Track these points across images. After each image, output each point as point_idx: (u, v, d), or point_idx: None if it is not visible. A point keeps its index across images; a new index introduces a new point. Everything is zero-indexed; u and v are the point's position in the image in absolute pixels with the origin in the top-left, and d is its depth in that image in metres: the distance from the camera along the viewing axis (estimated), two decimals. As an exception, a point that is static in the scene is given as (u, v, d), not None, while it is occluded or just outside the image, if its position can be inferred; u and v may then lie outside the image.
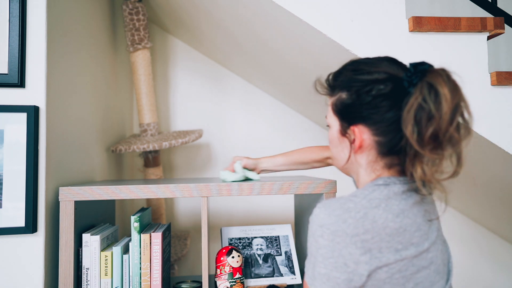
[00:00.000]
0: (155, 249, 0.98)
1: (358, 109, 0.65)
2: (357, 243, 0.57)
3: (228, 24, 1.36)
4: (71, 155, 1.10)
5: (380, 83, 0.63)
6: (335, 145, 0.72)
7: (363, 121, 0.65)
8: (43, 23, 0.94)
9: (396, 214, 0.60)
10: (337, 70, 0.70)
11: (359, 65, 0.67)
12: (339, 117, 0.69)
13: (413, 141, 0.58)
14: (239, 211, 1.82)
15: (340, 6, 1.02)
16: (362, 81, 0.64)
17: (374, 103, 0.63)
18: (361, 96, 0.64)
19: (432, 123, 0.57)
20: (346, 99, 0.66)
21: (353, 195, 0.63)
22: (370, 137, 0.65)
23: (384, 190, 0.63)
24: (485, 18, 1.03)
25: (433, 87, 0.57)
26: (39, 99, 0.93)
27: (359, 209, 0.59)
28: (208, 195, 0.99)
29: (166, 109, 1.82)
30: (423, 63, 0.62)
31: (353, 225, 0.58)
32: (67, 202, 0.94)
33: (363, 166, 0.68)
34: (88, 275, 0.95)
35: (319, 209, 0.62)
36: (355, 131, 0.66)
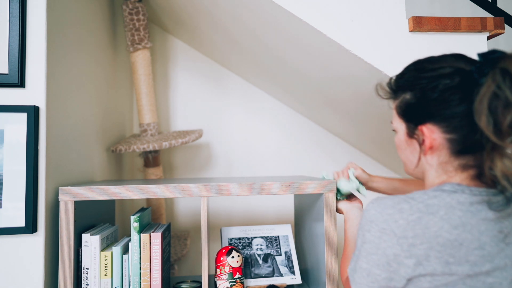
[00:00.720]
0: (154, 249, 0.98)
1: (425, 107, 0.61)
2: (404, 246, 0.56)
3: (227, 24, 1.36)
4: (71, 155, 1.10)
5: (446, 78, 0.60)
6: (403, 149, 0.69)
7: (432, 119, 0.61)
8: (43, 23, 0.94)
9: (454, 226, 0.56)
10: (399, 73, 0.68)
11: (422, 64, 0.64)
12: (405, 119, 0.66)
13: (489, 133, 0.54)
14: (239, 211, 1.82)
15: (340, 6, 1.02)
16: (426, 78, 0.62)
17: (442, 98, 0.59)
18: (427, 93, 0.61)
19: (509, 111, 0.53)
20: (411, 99, 0.64)
21: (411, 196, 0.59)
22: (441, 135, 0.61)
23: (447, 197, 0.58)
24: (485, 18, 1.03)
25: (508, 73, 0.53)
26: (39, 99, 0.93)
27: (413, 211, 0.57)
28: (208, 195, 0.99)
29: (166, 109, 1.82)
30: (494, 51, 0.58)
31: (403, 227, 0.56)
32: (67, 202, 0.94)
33: (433, 167, 0.64)
34: (88, 275, 0.95)
35: (372, 204, 0.61)
36: (423, 131, 0.62)
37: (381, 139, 1.59)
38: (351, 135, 1.79)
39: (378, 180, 1.03)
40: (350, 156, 1.89)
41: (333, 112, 1.60)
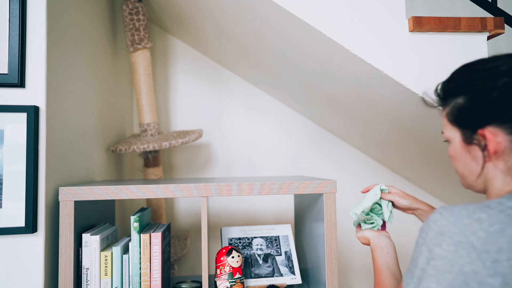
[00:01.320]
0: (154, 249, 0.98)
1: (483, 109, 0.56)
2: (487, 262, 0.48)
3: (227, 24, 1.37)
4: (71, 155, 1.10)
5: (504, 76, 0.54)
6: (461, 160, 0.62)
7: (493, 121, 0.56)
8: (43, 23, 0.94)
9: None
10: (446, 79, 0.63)
11: (473, 66, 0.60)
12: (459, 125, 0.60)
13: None
14: (239, 211, 1.82)
15: (340, 6, 1.02)
16: (481, 79, 0.56)
17: (502, 97, 0.54)
18: (484, 94, 0.56)
19: None
20: (464, 103, 0.58)
21: (486, 205, 0.52)
22: (506, 137, 0.55)
23: None
24: (485, 18, 1.03)
25: None
26: (39, 99, 0.93)
27: (494, 222, 0.50)
28: (208, 195, 0.99)
29: (166, 109, 1.82)
30: None
31: (485, 239, 0.48)
32: (67, 202, 0.94)
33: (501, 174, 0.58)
34: (88, 275, 0.95)
35: (440, 214, 0.52)
36: (485, 135, 0.57)
37: (381, 139, 1.59)
38: (351, 135, 1.79)
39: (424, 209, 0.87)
40: (350, 156, 1.90)
41: (333, 112, 1.60)
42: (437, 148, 1.33)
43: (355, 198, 1.86)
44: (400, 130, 1.38)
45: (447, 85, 0.62)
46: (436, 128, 1.16)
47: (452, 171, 1.43)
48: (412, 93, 1.02)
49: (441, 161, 1.41)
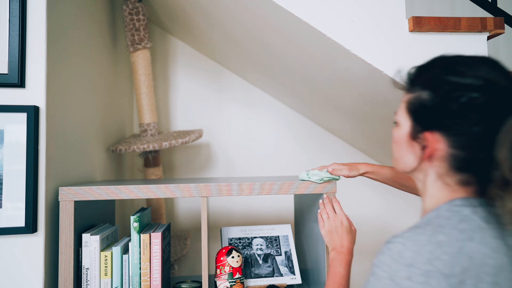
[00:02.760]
0: (154, 249, 0.98)
1: (440, 115, 0.55)
2: (454, 285, 0.47)
3: (227, 24, 1.37)
4: (71, 155, 1.10)
5: (473, 91, 0.52)
6: (399, 146, 0.63)
7: (442, 130, 0.55)
8: (43, 23, 0.94)
9: (494, 249, 0.50)
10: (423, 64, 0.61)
11: (453, 64, 0.57)
12: (414, 118, 0.59)
13: (505, 169, 0.49)
14: (239, 211, 1.82)
15: (340, 6, 1.02)
16: (452, 84, 0.54)
17: (461, 112, 0.53)
18: (447, 102, 0.54)
19: None
20: (428, 101, 0.56)
21: (438, 224, 0.52)
22: (446, 148, 0.55)
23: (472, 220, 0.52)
24: (485, 18, 1.03)
25: None
26: (39, 99, 0.93)
27: (452, 242, 0.49)
28: (208, 195, 0.99)
29: (166, 109, 1.82)
30: None
31: (450, 262, 0.48)
32: (67, 202, 0.94)
33: (430, 178, 0.59)
34: (88, 275, 0.95)
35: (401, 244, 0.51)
36: (428, 138, 0.57)
37: (381, 139, 1.59)
38: (351, 135, 1.79)
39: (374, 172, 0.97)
40: (350, 156, 1.89)
41: (333, 111, 1.60)
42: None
43: (355, 198, 1.86)
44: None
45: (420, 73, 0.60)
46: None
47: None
48: (412, 93, 1.02)
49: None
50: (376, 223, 1.87)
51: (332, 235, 0.87)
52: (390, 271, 0.50)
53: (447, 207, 0.55)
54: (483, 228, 0.51)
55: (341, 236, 0.86)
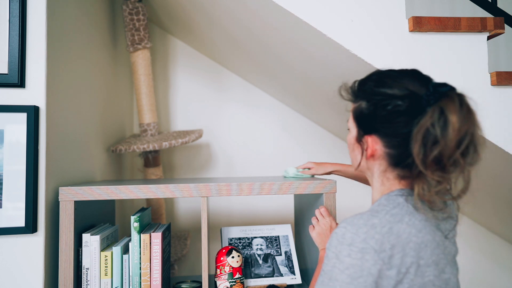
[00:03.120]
0: (155, 249, 0.98)
1: (374, 121, 0.66)
2: (385, 259, 0.58)
3: (227, 24, 1.36)
4: (71, 155, 1.10)
5: (398, 99, 0.64)
6: (351, 149, 0.75)
7: (377, 133, 0.67)
8: (43, 23, 0.94)
9: (419, 229, 0.61)
10: (363, 79, 0.72)
11: (383, 77, 0.68)
12: (357, 124, 0.71)
13: (418, 161, 0.60)
14: (239, 211, 1.82)
15: (340, 6, 1.02)
16: (381, 94, 0.65)
17: (389, 117, 0.64)
18: (378, 109, 0.65)
19: (436, 147, 0.58)
20: (365, 109, 0.68)
21: (375, 210, 0.63)
22: (382, 148, 0.67)
23: (404, 206, 0.63)
24: (485, 18, 1.03)
25: (443, 113, 0.59)
26: (39, 99, 0.93)
27: (384, 224, 0.60)
28: (208, 195, 0.99)
29: (166, 109, 1.82)
30: (444, 84, 0.62)
31: (380, 240, 0.58)
32: (67, 202, 0.94)
33: (375, 174, 0.71)
34: (88, 275, 0.95)
35: (344, 228, 0.61)
36: (368, 141, 0.68)
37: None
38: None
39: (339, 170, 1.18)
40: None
41: (333, 111, 1.60)
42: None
43: (355, 198, 1.85)
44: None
45: (360, 87, 0.71)
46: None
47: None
48: (412, 93, 1.02)
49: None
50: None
51: (321, 237, 0.94)
52: (336, 251, 0.61)
53: (385, 197, 0.67)
54: (412, 212, 0.62)
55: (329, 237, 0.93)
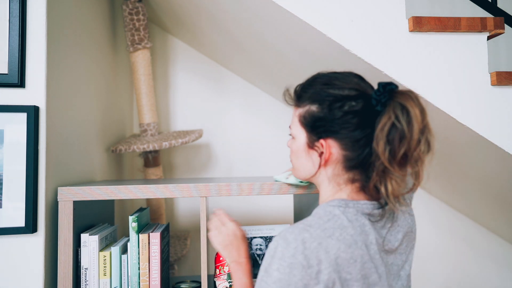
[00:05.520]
0: (153, 249, 0.98)
1: (329, 123, 0.65)
2: (312, 274, 0.58)
3: (228, 24, 1.37)
4: (71, 155, 1.10)
5: (352, 99, 0.64)
6: (298, 156, 0.72)
7: (333, 135, 0.66)
8: (43, 23, 0.94)
9: (348, 245, 0.60)
10: (307, 82, 0.70)
11: (331, 79, 0.67)
12: (308, 129, 0.69)
13: (384, 159, 0.60)
14: (239, 211, 1.82)
15: (340, 6, 1.01)
16: (334, 96, 0.65)
17: (344, 119, 0.64)
18: (333, 111, 0.65)
19: (404, 143, 0.59)
20: (317, 112, 0.66)
21: (308, 224, 0.63)
22: (339, 151, 0.66)
23: (338, 219, 0.63)
24: (485, 18, 1.03)
25: (405, 108, 0.60)
26: (39, 99, 0.93)
27: (314, 239, 0.60)
28: (208, 195, 0.99)
29: (166, 109, 1.82)
30: (390, 83, 0.63)
31: (308, 256, 0.58)
32: (66, 202, 0.94)
33: (327, 178, 0.69)
34: (86, 275, 0.95)
35: (276, 242, 0.61)
36: (323, 145, 0.67)
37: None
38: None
39: None
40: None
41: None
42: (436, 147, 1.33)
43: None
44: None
45: (306, 90, 0.69)
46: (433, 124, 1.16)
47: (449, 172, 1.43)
48: (411, 93, 1.02)
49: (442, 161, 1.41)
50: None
51: (228, 249, 0.84)
52: (266, 264, 0.61)
53: (323, 206, 0.66)
54: (345, 226, 0.62)
55: (237, 247, 0.84)
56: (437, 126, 1.12)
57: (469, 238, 1.87)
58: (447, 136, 1.16)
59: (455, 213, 1.87)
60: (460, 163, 1.32)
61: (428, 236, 1.85)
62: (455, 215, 1.87)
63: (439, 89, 1.01)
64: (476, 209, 1.73)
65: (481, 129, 1.01)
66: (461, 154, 1.24)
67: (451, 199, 1.79)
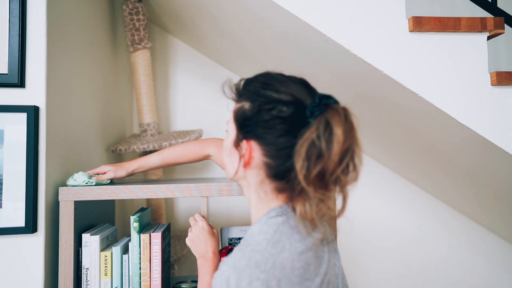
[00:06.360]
0: (154, 249, 0.98)
1: (255, 124, 0.62)
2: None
3: (228, 25, 1.37)
4: (71, 155, 1.10)
5: (282, 105, 0.60)
6: (227, 154, 0.69)
7: (257, 139, 0.62)
8: (43, 23, 0.94)
9: (300, 252, 0.59)
10: (250, 78, 0.67)
11: (271, 80, 0.64)
12: (237, 126, 0.65)
13: (300, 176, 0.56)
14: (239, 211, 1.82)
15: (340, 6, 1.02)
16: (266, 97, 0.61)
17: (271, 123, 0.60)
18: (261, 112, 0.61)
19: (320, 162, 0.55)
20: (248, 111, 0.63)
21: (256, 243, 0.59)
22: (260, 156, 0.62)
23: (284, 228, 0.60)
24: (485, 18, 1.03)
25: (329, 125, 0.56)
26: (39, 99, 0.93)
27: (267, 259, 0.57)
28: (208, 195, 0.99)
29: (166, 109, 1.82)
30: (329, 96, 0.60)
31: (266, 279, 0.55)
32: (67, 202, 0.94)
33: (252, 185, 0.66)
34: (88, 275, 0.95)
35: (226, 272, 0.57)
36: (246, 147, 0.63)
37: (380, 138, 1.59)
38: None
39: (142, 166, 1.00)
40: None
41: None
42: (435, 146, 1.33)
43: (355, 197, 1.85)
44: (400, 129, 1.38)
45: (245, 86, 0.66)
46: (433, 124, 1.16)
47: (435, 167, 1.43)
48: (411, 93, 1.02)
49: (441, 160, 1.41)
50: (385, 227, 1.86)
51: (195, 243, 0.85)
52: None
53: (264, 220, 0.63)
54: (291, 233, 0.60)
55: (204, 242, 0.85)
56: (437, 125, 1.13)
57: (471, 240, 1.87)
58: (447, 136, 1.17)
59: (452, 212, 1.88)
60: (460, 163, 1.32)
61: (440, 243, 1.85)
62: (452, 213, 1.88)
63: (439, 89, 1.01)
64: (476, 209, 1.74)
65: (481, 129, 1.01)
66: (461, 154, 1.24)
67: (451, 199, 1.79)
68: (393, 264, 1.84)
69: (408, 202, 1.87)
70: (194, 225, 0.89)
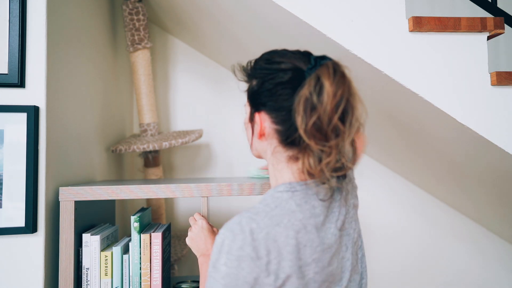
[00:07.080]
0: (155, 249, 0.98)
1: (261, 95, 0.66)
2: (262, 266, 0.56)
3: (228, 24, 1.37)
4: (71, 155, 1.10)
5: (282, 72, 0.64)
6: (246, 130, 0.74)
7: (264, 108, 0.66)
8: (43, 23, 0.93)
9: (297, 230, 0.59)
10: (255, 59, 0.71)
11: (273, 56, 0.67)
12: (250, 103, 0.70)
13: (301, 131, 0.59)
14: (239, 211, 1.82)
15: (340, 6, 1.02)
16: (268, 69, 0.65)
17: (273, 90, 0.64)
18: (265, 84, 0.65)
19: (314, 114, 0.58)
20: (255, 86, 0.67)
21: (255, 212, 0.61)
22: (271, 125, 0.66)
23: (287, 204, 0.62)
24: (485, 18, 1.03)
25: (319, 80, 0.59)
26: (39, 99, 0.93)
27: (262, 228, 0.58)
28: (209, 195, 0.99)
29: (166, 109, 1.82)
30: (324, 57, 0.63)
31: (257, 247, 0.57)
32: (67, 202, 0.94)
33: (268, 154, 0.69)
34: (88, 275, 0.95)
35: (223, 235, 0.59)
36: (257, 118, 0.67)
37: (380, 139, 1.59)
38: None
39: None
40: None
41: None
42: (435, 146, 1.33)
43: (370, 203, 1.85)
44: (399, 129, 1.38)
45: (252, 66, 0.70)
46: (434, 124, 1.17)
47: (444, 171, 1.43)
48: (411, 93, 1.02)
49: (441, 159, 1.41)
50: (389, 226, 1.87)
51: (195, 242, 0.87)
52: (214, 260, 0.59)
53: (271, 193, 0.65)
54: (293, 211, 0.61)
55: (204, 240, 0.86)
56: (437, 125, 1.13)
57: (473, 239, 1.88)
58: (447, 136, 1.17)
59: (453, 212, 1.88)
60: (460, 163, 1.32)
61: (428, 238, 1.85)
62: (451, 213, 1.88)
63: (439, 89, 1.01)
64: (476, 209, 1.74)
65: (481, 129, 1.01)
66: (461, 154, 1.24)
67: (451, 199, 1.79)
68: (389, 263, 1.84)
69: (403, 199, 1.87)
70: (193, 224, 0.90)
